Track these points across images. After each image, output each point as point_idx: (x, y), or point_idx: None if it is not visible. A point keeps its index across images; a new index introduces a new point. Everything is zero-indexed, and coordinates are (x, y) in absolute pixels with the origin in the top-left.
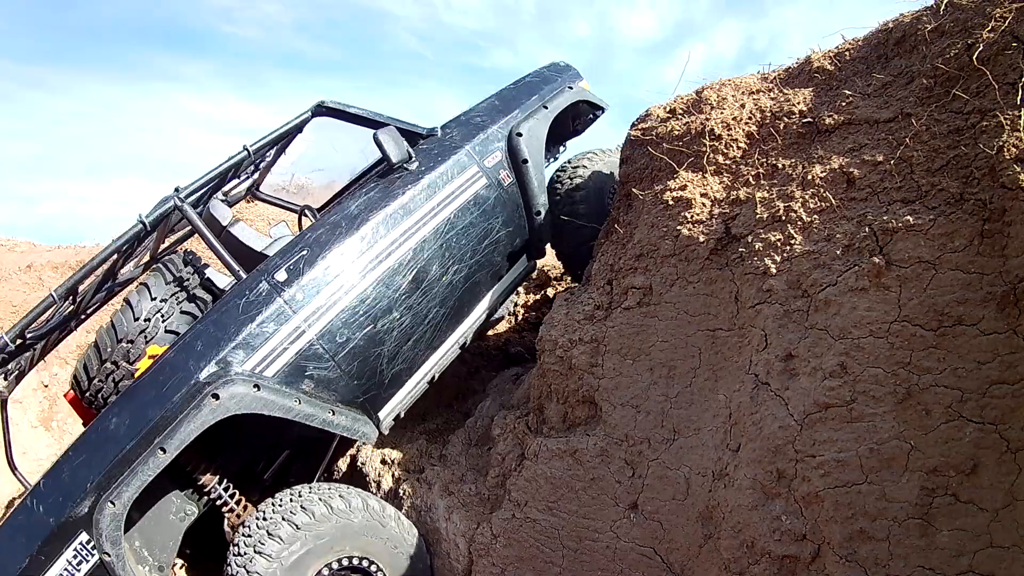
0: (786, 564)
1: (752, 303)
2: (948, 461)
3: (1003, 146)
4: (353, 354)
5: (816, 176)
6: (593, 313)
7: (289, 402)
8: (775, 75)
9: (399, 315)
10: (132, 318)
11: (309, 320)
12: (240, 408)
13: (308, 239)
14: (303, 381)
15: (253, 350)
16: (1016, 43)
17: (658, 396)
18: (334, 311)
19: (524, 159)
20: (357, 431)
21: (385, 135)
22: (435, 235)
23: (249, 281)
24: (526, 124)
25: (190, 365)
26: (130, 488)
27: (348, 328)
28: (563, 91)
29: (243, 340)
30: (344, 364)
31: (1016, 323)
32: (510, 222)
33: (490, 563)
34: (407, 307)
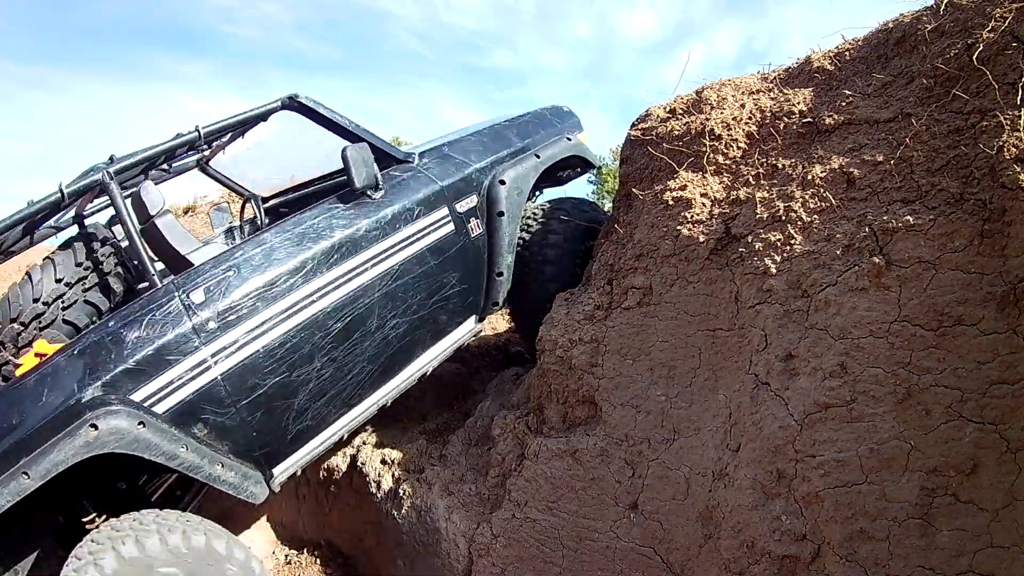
0: (786, 564)
1: (752, 303)
2: (948, 461)
3: (1003, 146)
4: (259, 403)
5: (816, 176)
6: (593, 313)
7: (175, 448)
8: (775, 75)
9: (320, 366)
10: (31, 297)
11: (218, 356)
12: (118, 446)
13: (238, 258)
14: (196, 424)
15: (147, 378)
16: (1016, 43)
17: (658, 396)
18: (249, 350)
19: (500, 211)
20: (245, 490)
21: (355, 153)
22: (382, 280)
23: (160, 293)
24: (512, 171)
25: (75, 380)
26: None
27: (260, 373)
28: (560, 141)
29: (138, 363)
30: (246, 413)
31: (1016, 323)
32: (467, 278)
33: (490, 563)
34: (331, 358)
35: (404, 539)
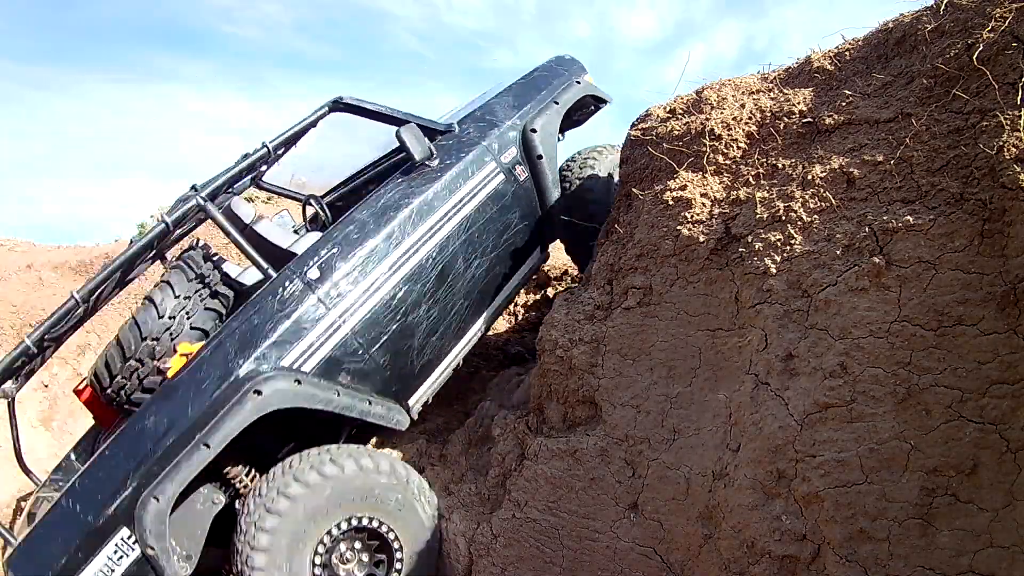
0: (786, 564)
1: (752, 303)
2: (948, 461)
3: (1003, 146)
4: (386, 347)
5: (816, 176)
6: (593, 313)
7: (329, 395)
8: (775, 75)
9: (427, 308)
10: (156, 316)
11: (344, 316)
12: (283, 403)
13: (336, 237)
14: (340, 374)
15: (290, 346)
16: (1016, 43)
17: (658, 396)
18: (367, 307)
19: (539, 155)
20: (392, 419)
21: (407, 132)
22: (458, 231)
23: (282, 279)
24: (539, 120)
25: (228, 362)
26: (173, 484)
27: (381, 323)
28: (571, 85)
29: (280, 336)
30: (378, 357)
31: (1016, 323)
32: (526, 216)
33: (490, 563)
34: (434, 300)
35: None
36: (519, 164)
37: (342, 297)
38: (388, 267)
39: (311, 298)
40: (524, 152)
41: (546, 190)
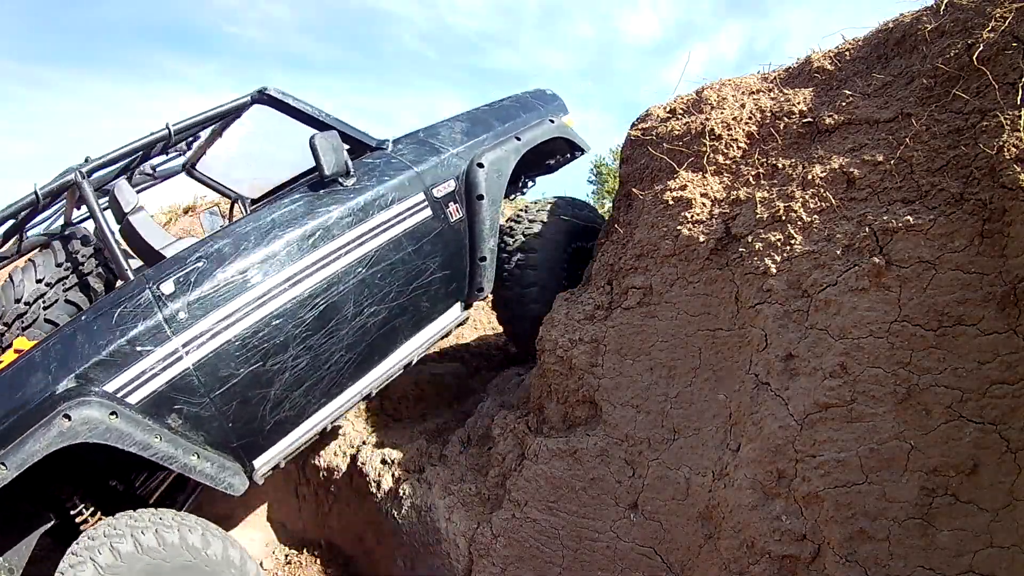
0: (786, 564)
1: (752, 303)
2: (948, 461)
3: (1003, 146)
4: (233, 393)
5: (816, 176)
6: (593, 313)
7: (148, 437)
8: (775, 75)
9: (295, 355)
10: (12, 298)
11: (189, 346)
12: (91, 436)
13: (209, 248)
14: (170, 415)
15: (119, 369)
16: (1016, 43)
17: (658, 396)
18: (220, 340)
19: (480, 194)
20: (223, 481)
21: (323, 140)
22: (356, 267)
23: (131, 287)
24: (491, 154)
25: (50, 373)
26: None
27: (232, 362)
28: (542, 124)
29: (110, 355)
30: (220, 403)
31: (1016, 323)
32: (449, 264)
33: (490, 563)
34: (306, 347)
35: (404, 539)
36: (454, 202)
37: (192, 322)
38: (256, 296)
39: (155, 317)
40: (465, 188)
41: (480, 237)
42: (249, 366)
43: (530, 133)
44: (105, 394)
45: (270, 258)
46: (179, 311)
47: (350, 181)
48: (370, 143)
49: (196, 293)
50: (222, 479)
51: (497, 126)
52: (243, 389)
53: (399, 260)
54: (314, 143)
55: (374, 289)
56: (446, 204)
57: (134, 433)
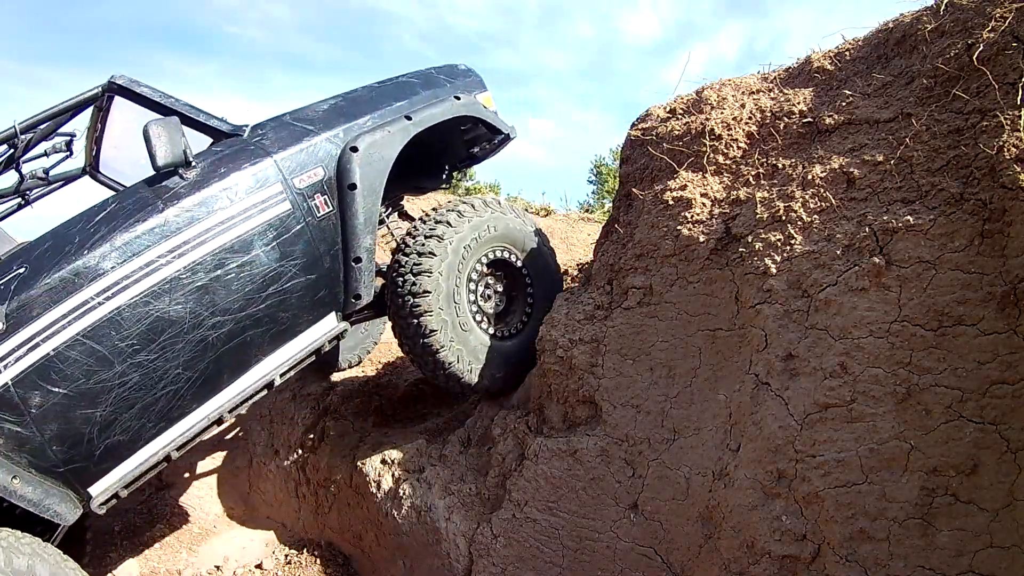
0: (786, 564)
1: (752, 303)
2: (948, 461)
3: (1003, 146)
4: (55, 412)
5: (816, 176)
6: (593, 313)
7: None
8: (775, 75)
9: (122, 372)
10: None
11: (6, 360)
12: None
13: (31, 254)
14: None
15: None
16: (1016, 43)
17: (658, 396)
18: (38, 353)
19: (352, 183)
20: (48, 509)
21: (157, 127)
22: (194, 272)
23: None
24: (369, 137)
25: None
26: None
27: (53, 378)
28: (444, 101)
29: None
30: (42, 422)
31: (1016, 323)
32: (313, 266)
33: (490, 563)
34: (135, 363)
35: (404, 539)
36: (321, 193)
37: (11, 334)
38: (76, 306)
39: None
40: (336, 177)
41: (353, 234)
42: (70, 383)
43: (426, 112)
44: None
45: (93, 263)
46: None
47: (191, 173)
48: (223, 129)
49: (15, 303)
50: (47, 506)
51: (385, 105)
52: (65, 408)
53: (248, 263)
54: (146, 130)
55: (217, 297)
56: (311, 196)
57: None
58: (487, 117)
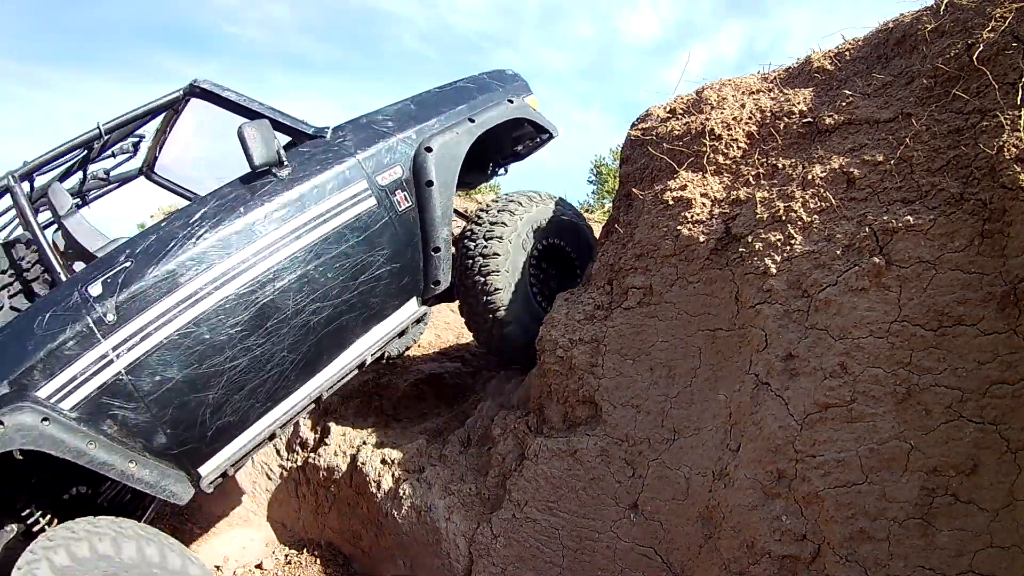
0: (786, 564)
1: (752, 303)
2: (948, 461)
3: (1003, 146)
4: (169, 397)
5: (816, 176)
6: (593, 313)
7: (82, 444)
8: (775, 75)
9: (232, 356)
10: None
11: (119, 350)
12: (26, 443)
13: (136, 248)
14: (105, 421)
15: (51, 375)
16: (1016, 43)
17: (658, 396)
18: (150, 343)
19: (429, 180)
20: (164, 489)
21: (251, 129)
22: (293, 263)
23: (62, 290)
24: (441, 138)
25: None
26: None
27: (166, 365)
28: (500, 104)
29: (41, 360)
30: (156, 408)
31: (1016, 323)
32: (398, 256)
33: (490, 563)
34: (244, 348)
35: (404, 539)
36: (401, 189)
37: (121, 325)
38: (186, 296)
39: (84, 320)
40: (413, 175)
41: (432, 226)
42: (183, 369)
43: (485, 115)
44: (37, 400)
45: (199, 256)
46: (107, 313)
47: (284, 172)
48: (308, 131)
49: (124, 294)
50: (163, 487)
51: (448, 108)
52: (179, 393)
53: (341, 254)
54: (241, 132)
55: (316, 285)
56: (392, 192)
57: (67, 439)
58: (536, 118)
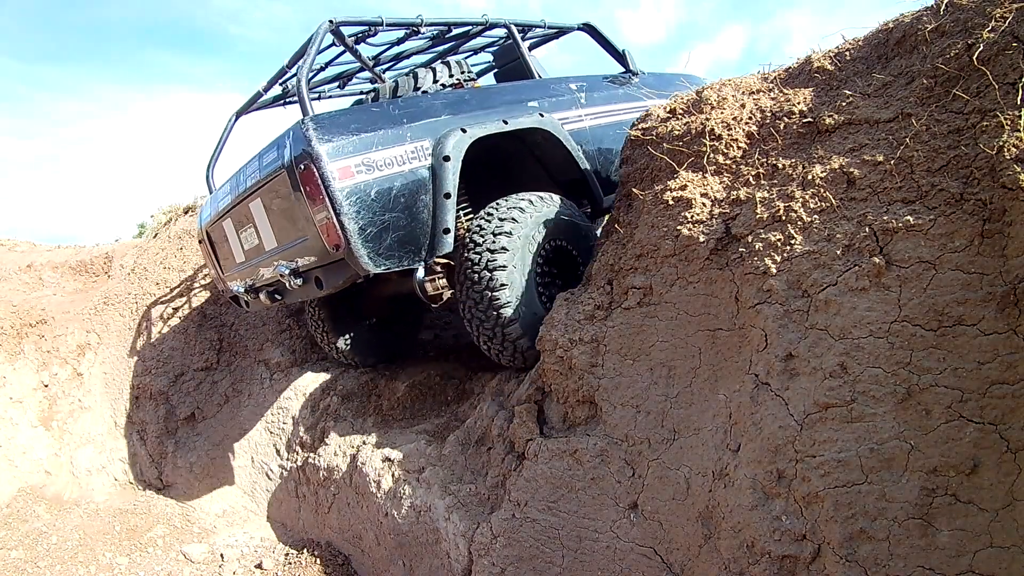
0: (786, 564)
1: (752, 303)
2: (948, 461)
3: (1003, 146)
4: (608, 150)
5: (816, 176)
6: (593, 313)
7: (578, 150)
8: (775, 75)
9: None
10: (412, 87)
11: (585, 118)
12: (550, 129)
13: (580, 83)
14: (592, 150)
15: (561, 111)
16: (1016, 43)
17: (658, 396)
18: (597, 122)
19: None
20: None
21: (627, 52)
22: (623, 122)
23: (553, 81)
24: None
25: (519, 100)
26: None
27: (602, 136)
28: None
29: (561, 102)
30: (593, 149)
31: (1016, 323)
32: None
33: (490, 563)
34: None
35: (404, 539)
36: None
37: (586, 106)
38: (609, 111)
39: (574, 96)
40: None
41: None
42: (609, 143)
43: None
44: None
45: (611, 98)
46: (582, 98)
47: (635, 80)
48: (634, 70)
49: (584, 95)
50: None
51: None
52: (610, 150)
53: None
54: (627, 52)
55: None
56: None
57: (569, 141)
58: None
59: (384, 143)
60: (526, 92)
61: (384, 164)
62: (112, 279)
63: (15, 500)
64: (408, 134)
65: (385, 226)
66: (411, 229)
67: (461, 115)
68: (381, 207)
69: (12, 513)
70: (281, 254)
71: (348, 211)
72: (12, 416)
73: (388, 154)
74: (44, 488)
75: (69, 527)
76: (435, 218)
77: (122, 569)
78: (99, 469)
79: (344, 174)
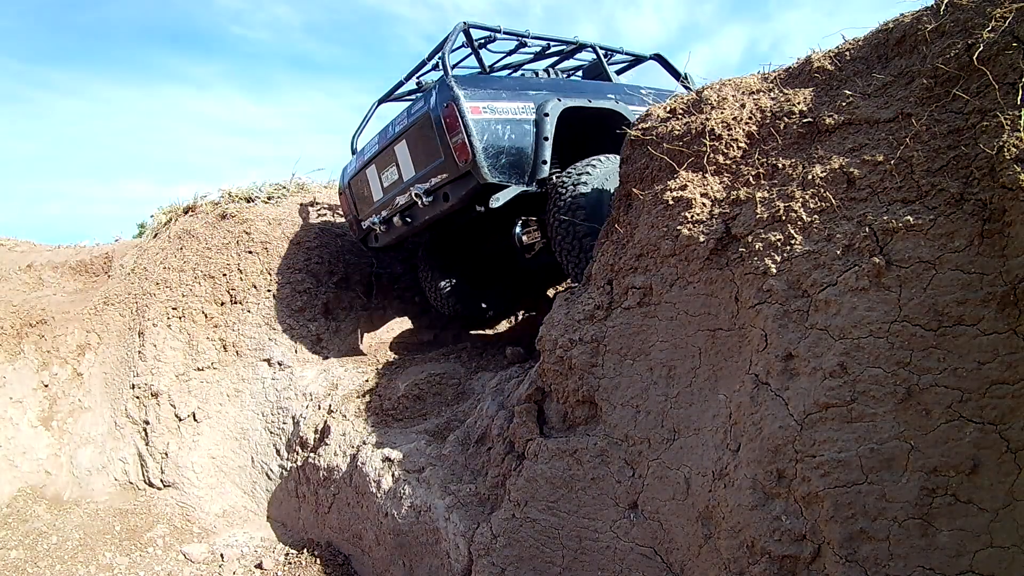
0: (786, 564)
1: (752, 303)
2: (948, 461)
3: (1003, 146)
4: None
5: (816, 176)
6: (593, 313)
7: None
8: (775, 75)
9: None
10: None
11: (619, 95)
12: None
13: (621, 87)
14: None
15: (625, 103)
16: (1016, 43)
17: (658, 396)
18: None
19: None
20: None
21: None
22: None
23: (617, 84)
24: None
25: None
26: None
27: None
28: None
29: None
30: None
31: (1016, 323)
32: None
33: (490, 563)
34: None
35: (404, 539)
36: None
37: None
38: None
39: (636, 92)
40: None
41: None
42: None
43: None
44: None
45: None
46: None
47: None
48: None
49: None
50: None
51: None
52: None
53: None
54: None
55: None
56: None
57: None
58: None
59: (504, 99)
60: (607, 89)
61: (503, 111)
62: (112, 279)
63: (15, 500)
64: (520, 97)
65: (501, 150)
66: (519, 158)
67: (558, 92)
68: (498, 137)
69: (12, 513)
70: (417, 181)
71: (476, 134)
72: (12, 416)
73: (506, 105)
74: (44, 488)
75: (69, 527)
76: (536, 153)
77: (122, 569)
78: (99, 469)
79: (475, 111)
